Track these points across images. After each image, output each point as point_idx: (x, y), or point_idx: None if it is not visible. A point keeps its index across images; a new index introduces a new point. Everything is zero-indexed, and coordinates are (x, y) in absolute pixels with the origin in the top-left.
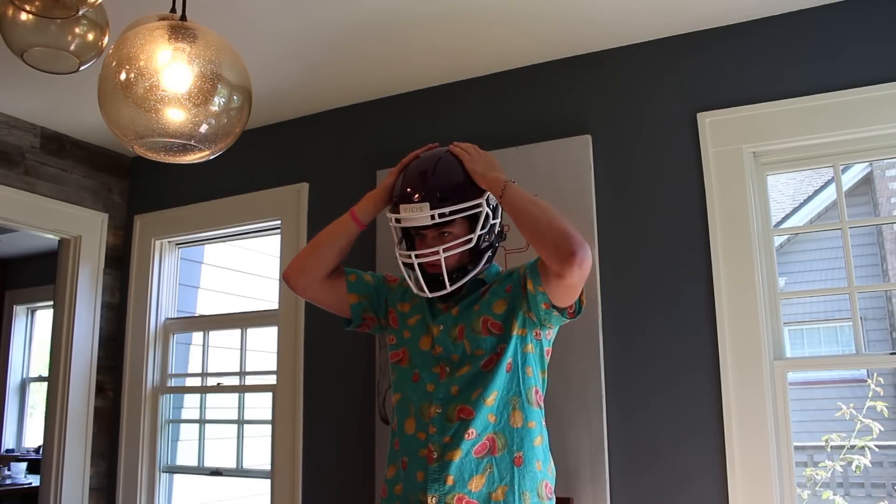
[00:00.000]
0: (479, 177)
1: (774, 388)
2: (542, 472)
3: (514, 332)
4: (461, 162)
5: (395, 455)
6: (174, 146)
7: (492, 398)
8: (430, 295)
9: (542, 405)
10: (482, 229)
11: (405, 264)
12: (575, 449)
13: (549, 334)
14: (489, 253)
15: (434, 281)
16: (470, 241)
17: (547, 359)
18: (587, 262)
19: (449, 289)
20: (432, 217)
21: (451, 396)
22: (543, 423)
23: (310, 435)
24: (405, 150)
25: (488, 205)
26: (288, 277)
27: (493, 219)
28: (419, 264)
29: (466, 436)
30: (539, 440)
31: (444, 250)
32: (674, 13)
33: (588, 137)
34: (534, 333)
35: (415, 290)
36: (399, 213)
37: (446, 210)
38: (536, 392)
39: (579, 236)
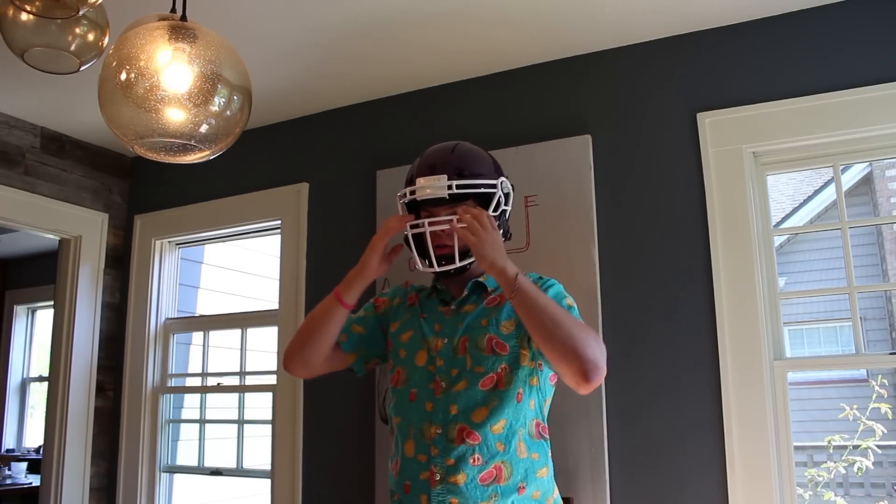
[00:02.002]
0: (488, 263)
1: (774, 388)
2: (539, 501)
3: (525, 363)
4: (476, 154)
5: (394, 480)
6: (174, 146)
7: (499, 426)
8: (438, 269)
9: (547, 436)
10: (494, 211)
11: (415, 236)
12: (575, 449)
13: None
14: None
15: (442, 258)
16: None
17: (552, 384)
18: (602, 378)
19: (458, 264)
20: (449, 188)
21: (450, 416)
22: (549, 454)
23: (310, 435)
24: (405, 149)
25: (502, 189)
26: (291, 370)
27: (505, 205)
28: (430, 242)
29: (471, 461)
30: (543, 472)
31: (458, 221)
32: (674, 13)
33: (588, 137)
34: (538, 363)
35: (420, 267)
36: (414, 185)
37: (463, 183)
38: (538, 425)
39: (596, 354)
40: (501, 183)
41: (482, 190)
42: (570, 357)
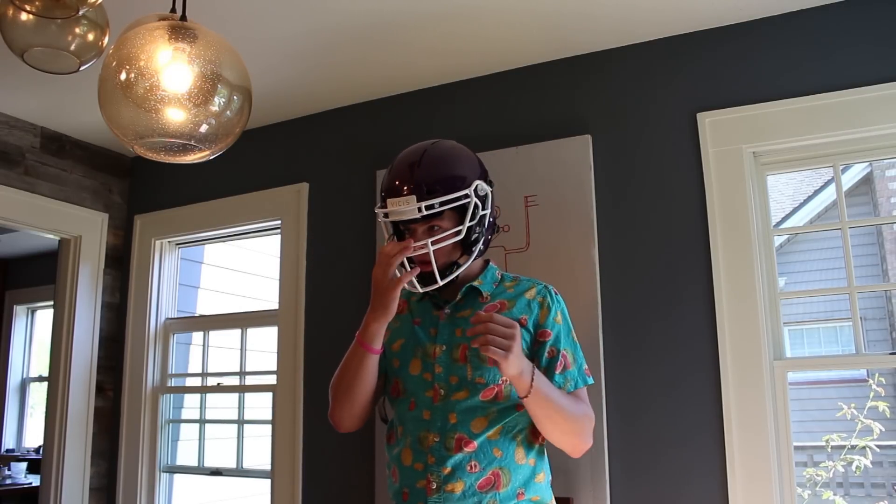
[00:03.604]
0: (513, 376)
1: (774, 388)
2: None
3: None
4: (445, 161)
5: (393, 487)
6: (174, 146)
7: (495, 432)
8: (421, 290)
9: (543, 442)
10: (472, 220)
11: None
12: None
13: None
14: (480, 245)
15: (425, 277)
16: (459, 232)
17: None
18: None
19: (440, 283)
20: (419, 210)
21: (449, 425)
22: (546, 459)
23: (310, 435)
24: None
25: (476, 195)
26: (346, 429)
27: (483, 210)
28: (409, 259)
29: (469, 468)
30: (541, 477)
31: (433, 243)
32: (674, 13)
33: (588, 137)
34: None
35: (406, 286)
36: (386, 207)
37: (433, 202)
38: (535, 431)
39: (588, 441)
40: (476, 188)
41: (454, 205)
42: (567, 447)
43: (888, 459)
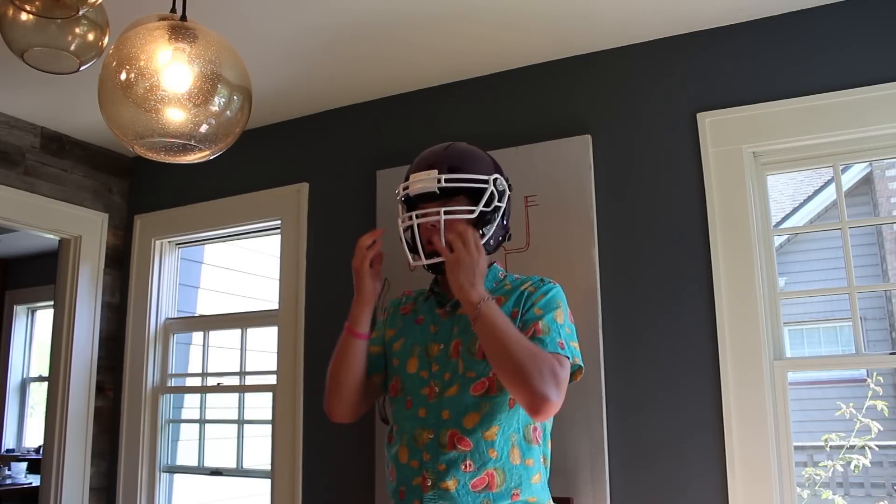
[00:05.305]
0: (456, 285)
1: (774, 388)
2: None
3: None
4: (471, 153)
5: (391, 486)
6: (174, 146)
7: (492, 432)
8: (425, 262)
9: (542, 442)
10: (486, 207)
11: (405, 230)
12: (575, 449)
13: None
14: (490, 238)
15: (431, 252)
16: (472, 212)
17: None
18: (554, 410)
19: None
20: (438, 181)
21: (441, 421)
22: (542, 460)
23: (310, 435)
24: (405, 149)
25: (496, 186)
26: (338, 418)
27: (499, 202)
28: (420, 236)
29: (463, 467)
30: (537, 478)
31: (445, 213)
32: (674, 13)
33: (588, 137)
34: None
35: (411, 261)
36: (409, 181)
37: (453, 176)
38: (534, 430)
39: (545, 388)
40: (495, 180)
41: (472, 185)
42: (517, 389)
43: (888, 459)
